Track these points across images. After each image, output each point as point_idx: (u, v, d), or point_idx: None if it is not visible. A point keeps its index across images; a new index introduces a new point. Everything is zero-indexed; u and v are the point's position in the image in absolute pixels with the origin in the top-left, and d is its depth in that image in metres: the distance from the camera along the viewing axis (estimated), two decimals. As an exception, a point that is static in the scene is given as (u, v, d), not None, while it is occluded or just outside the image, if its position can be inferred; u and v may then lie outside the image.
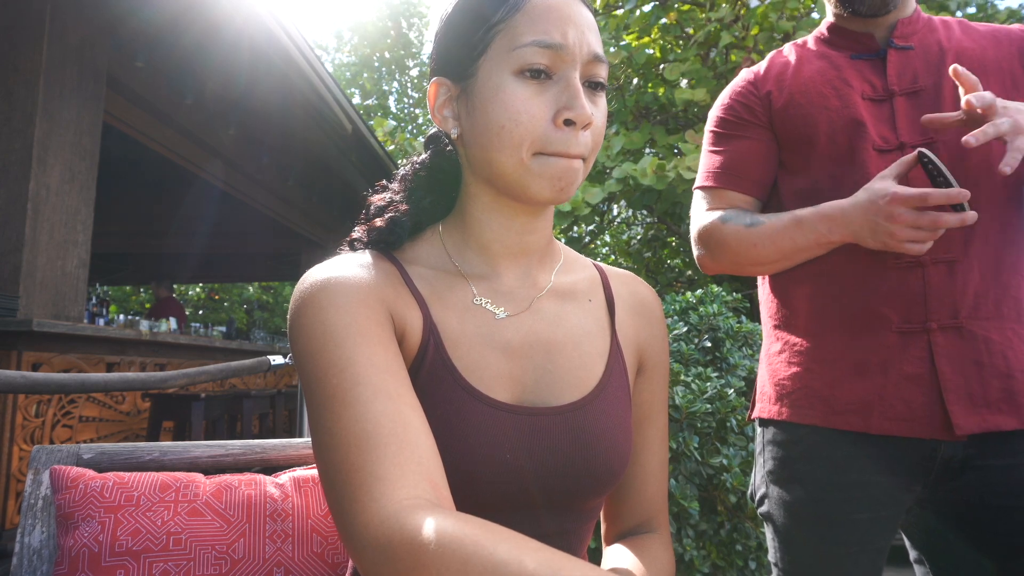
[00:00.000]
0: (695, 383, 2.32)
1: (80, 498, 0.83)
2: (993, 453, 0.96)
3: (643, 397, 0.79)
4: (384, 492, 0.49)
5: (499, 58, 0.64)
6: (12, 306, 2.97)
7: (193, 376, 2.27)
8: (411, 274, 0.69)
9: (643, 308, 0.80)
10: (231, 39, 3.86)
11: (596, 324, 0.75)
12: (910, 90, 1.05)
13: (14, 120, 3.18)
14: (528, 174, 0.64)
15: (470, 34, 0.66)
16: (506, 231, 0.71)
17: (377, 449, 0.51)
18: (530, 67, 0.62)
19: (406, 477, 0.50)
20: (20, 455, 2.96)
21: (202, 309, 16.63)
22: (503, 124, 0.63)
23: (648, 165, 4.18)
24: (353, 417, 0.53)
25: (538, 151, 0.63)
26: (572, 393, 0.69)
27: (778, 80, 1.15)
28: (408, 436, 0.53)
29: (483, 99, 0.64)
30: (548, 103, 0.63)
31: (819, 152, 1.07)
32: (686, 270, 6.22)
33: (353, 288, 0.62)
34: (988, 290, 0.98)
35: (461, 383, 0.64)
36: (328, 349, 0.58)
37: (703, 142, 1.24)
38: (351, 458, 0.51)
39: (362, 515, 0.49)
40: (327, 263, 0.66)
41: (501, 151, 0.64)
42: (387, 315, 0.63)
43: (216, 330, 6.69)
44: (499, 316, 0.69)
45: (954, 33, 1.10)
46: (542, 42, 0.62)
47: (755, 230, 1.08)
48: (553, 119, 0.63)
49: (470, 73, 0.66)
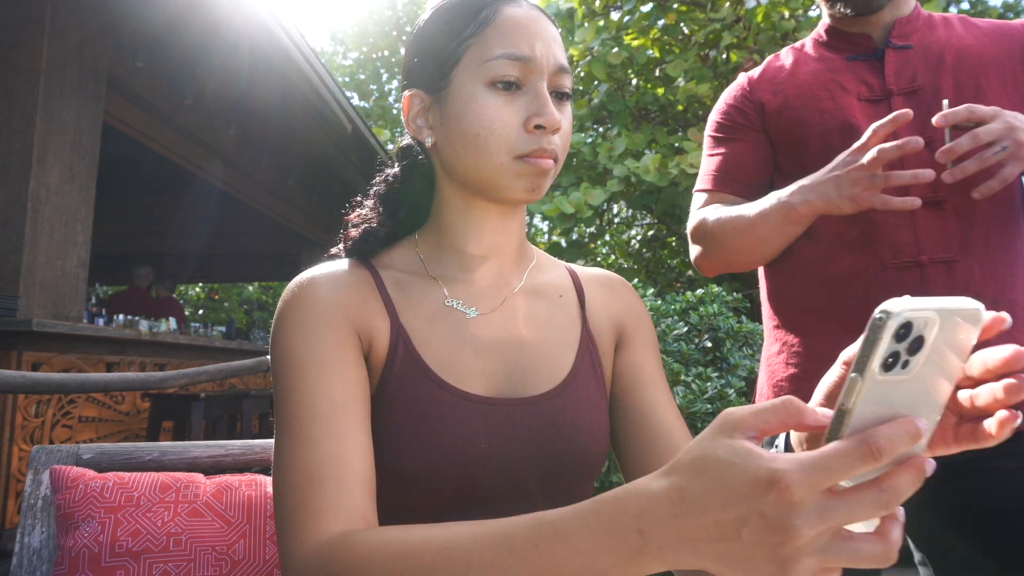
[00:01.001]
0: (695, 383, 2.32)
1: (80, 498, 0.83)
2: (1000, 455, 0.95)
3: (632, 360, 0.79)
4: (321, 528, 0.56)
5: (471, 70, 0.68)
6: (12, 306, 2.97)
7: (193, 376, 2.27)
8: (384, 279, 0.73)
9: (611, 286, 0.83)
10: (231, 39, 3.86)
11: (566, 318, 0.78)
12: (908, 89, 1.05)
13: (14, 120, 3.18)
14: (506, 175, 0.68)
15: (442, 47, 0.70)
16: (479, 233, 0.75)
17: (319, 491, 0.58)
18: (501, 79, 0.67)
19: (340, 515, 0.57)
20: (20, 455, 2.96)
21: (202, 309, 16.63)
22: (478, 132, 0.67)
23: (651, 161, 4.20)
24: (304, 454, 0.60)
25: (517, 155, 0.68)
26: (544, 384, 0.72)
27: (772, 84, 1.15)
28: (347, 478, 0.60)
29: (457, 109, 0.69)
30: (519, 111, 0.68)
31: (812, 154, 1.07)
32: (686, 270, 6.22)
33: (321, 310, 0.67)
34: (986, 290, 0.98)
35: (434, 379, 0.68)
36: (293, 376, 0.64)
37: (703, 146, 1.25)
38: (297, 494, 0.59)
39: (301, 549, 0.56)
40: (304, 278, 0.71)
41: (478, 157, 0.68)
42: (352, 334, 0.68)
43: (216, 330, 6.69)
44: (470, 315, 0.73)
45: (955, 30, 1.10)
46: (512, 55, 0.67)
47: (734, 218, 1.09)
48: (524, 125, 0.67)
49: (443, 85, 0.70)
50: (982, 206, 0.98)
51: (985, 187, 0.91)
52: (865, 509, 0.36)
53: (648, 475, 0.42)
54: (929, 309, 0.34)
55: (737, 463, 0.37)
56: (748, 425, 0.39)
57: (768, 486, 0.36)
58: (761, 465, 0.36)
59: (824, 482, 0.35)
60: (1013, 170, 0.90)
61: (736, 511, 0.37)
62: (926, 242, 0.98)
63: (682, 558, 0.40)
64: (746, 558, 0.38)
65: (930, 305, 0.34)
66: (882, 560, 0.38)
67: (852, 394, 0.36)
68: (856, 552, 0.37)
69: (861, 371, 0.35)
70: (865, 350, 0.35)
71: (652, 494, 0.40)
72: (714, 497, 0.38)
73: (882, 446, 0.35)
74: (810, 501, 0.35)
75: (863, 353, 0.35)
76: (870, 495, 0.36)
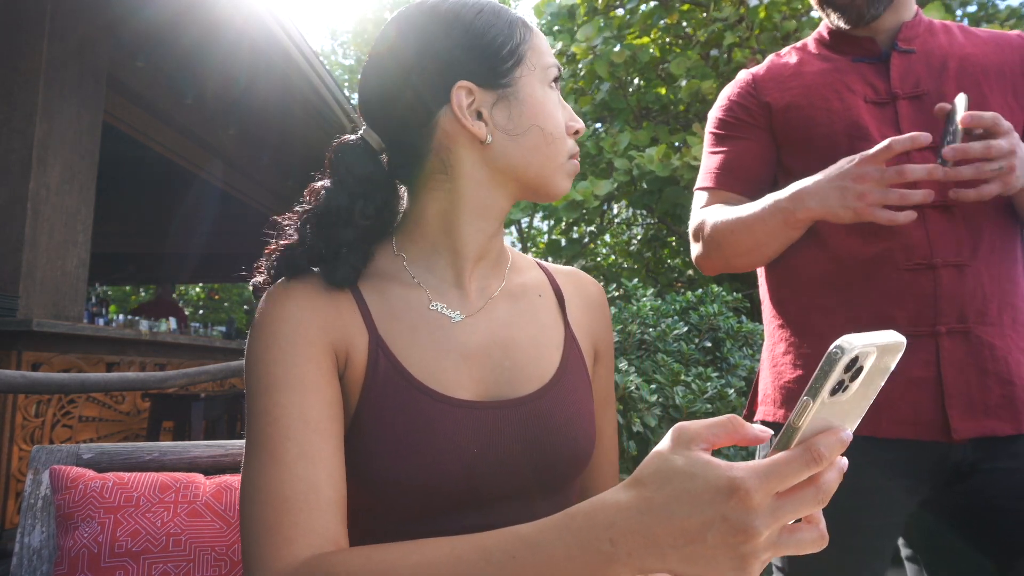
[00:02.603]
0: (695, 383, 2.32)
1: (80, 498, 0.83)
2: (1000, 456, 0.95)
3: (599, 384, 0.83)
4: (291, 553, 0.56)
5: (535, 72, 0.72)
6: (12, 306, 2.97)
7: (193, 376, 2.27)
8: (363, 288, 0.72)
9: (592, 302, 0.84)
10: (231, 39, 3.86)
11: (549, 318, 0.78)
12: (913, 94, 1.05)
13: (14, 120, 3.17)
14: (559, 173, 0.74)
15: (501, 44, 0.70)
16: (484, 235, 0.74)
17: (290, 514, 0.58)
18: (552, 83, 0.73)
19: (312, 539, 0.58)
20: (20, 455, 2.96)
21: (202, 309, 16.63)
22: (552, 133, 0.72)
23: (656, 151, 4.21)
24: (276, 476, 0.60)
25: (569, 155, 0.74)
26: (532, 383, 0.72)
27: (778, 82, 1.15)
28: (319, 502, 0.60)
29: (530, 109, 0.71)
30: (563, 116, 0.74)
31: (819, 154, 1.07)
32: (686, 270, 6.22)
33: (296, 324, 0.66)
34: (993, 296, 0.98)
35: (419, 387, 0.67)
36: (266, 395, 0.63)
37: (704, 143, 1.24)
38: (267, 516, 0.59)
39: (268, 573, 0.56)
40: (280, 289, 0.69)
41: (548, 157, 0.72)
42: (328, 350, 0.67)
43: (216, 330, 6.69)
44: (455, 319, 0.72)
45: (956, 38, 1.10)
46: (556, 63, 0.74)
47: (732, 220, 1.08)
48: (566, 129, 0.74)
49: (507, 83, 0.70)
50: (989, 212, 0.99)
51: (963, 193, 0.92)
52: (807, 505, 0.43)
53: (613, 488, 0.46)
54: (872, 345, 0.41)
55: (697, 473, 0.42)
56: (702, 438, 0.44)
57: (729, 493, 0.41)
58: (721, 474, 0.42)
59: (777, 487, 0.41)
60: (994, 189, 0.91)
61: (701, 517, 0.42)
62: (939, 245, 0.98)
63: (650, 563, 0.44)
64: (710, 559, 0.42)
65: (874, 341, 0.41)
66: (820, 543, 0.45)
67: (803, 415, 0.42)
68: (800, 541, 0.45)
69: (814, 396, 0.41)
70: (819, 379, 0.41)
71: (621, 505, 0.44)
72: (679, 505, 0.42)
73: (823, 454, 0.42)
74: (765, 504, 0.41)
75: (816, 381, 0.41)
76: (809, 492, 0.43)
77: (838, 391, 0.42)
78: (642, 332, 2.64)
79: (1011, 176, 0.90)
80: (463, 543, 0.50)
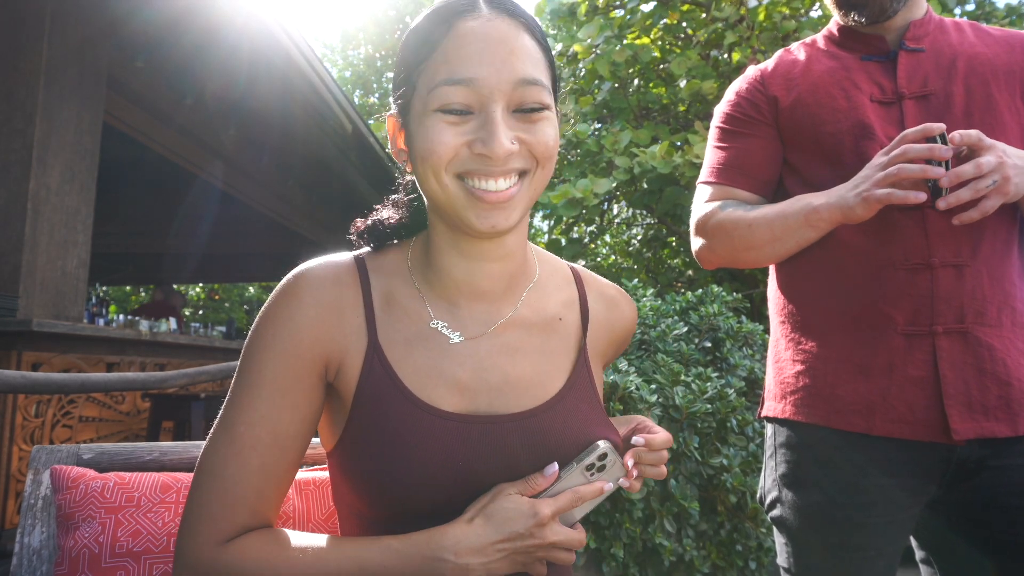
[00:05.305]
0: (695, 383, 2.31)
1: (80, 498, 0.83)
2: (1008, 453, 0.96)
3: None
4: (212, 534, 0.65)
5: (423, 98, 0.65)
6: (12, 306, 2.97)
7: (193, 376, 2.27)
8: (373, 291, 0.72)
9: (617, 328, 0.84)
10: (231, 40, 3.86)
11: (562, 344, 0.77)
12: (920, 94, 1.05)
13: (14, 120, 3.17)
14: (456, 200, 0.65)
15: (403, 73, 0.69)
16: (464, 260, 0.73)
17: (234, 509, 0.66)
18: (445, 106, 0.64)
19: (243, 535, 0.66)
20: (20, 455, 2.96)
21: (202, 309, 16.62)
22: (425, 157, 0.65)
23: (659, 148, 4.21)
24: (232, 475, 0.67)
25: (457, 172, 0.65)
26: (525, 404, 0.72)
27: (786, 79, 1.14)
28: (261, 509, 0.68)
29: (412, 134, 0.67)
30: (466, 133, 0.64)
31: (825, 153, 1.07)
32: (686, 270, 6.22)
33: (295, 330, 0.69)
34: (993, 297, 0.98)
35: (410, 398, 0.68)
36: (252, 390, 0.68)
37: (708, 137, 1.24)
38: (214, 504, 0.66)
39: (195, 549, 0.65)
40: (293, 283, 0.71)
41: (427, 180, 0.66)
42: (317, 362, 0.69)
43: (216, 330, 6.68)
44: (453, 340, 0.72)
45: (966, 36, 1.09)
46: (451, 79, 0.63)
47: (751, 212, 1.09)
48: (470, 147, 0.64)
49: (407, 110, 0.69)
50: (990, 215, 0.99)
51: (966, 216, 0.93)
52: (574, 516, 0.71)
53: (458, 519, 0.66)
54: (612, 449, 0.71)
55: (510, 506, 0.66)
56: (515, 488, 0.67)
57: (532, 515, 0.66)
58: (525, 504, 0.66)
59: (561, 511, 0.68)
60: (995, 203, 0.92)
61: (514, 531, 0.65)
62: (937, 245, 0.98)
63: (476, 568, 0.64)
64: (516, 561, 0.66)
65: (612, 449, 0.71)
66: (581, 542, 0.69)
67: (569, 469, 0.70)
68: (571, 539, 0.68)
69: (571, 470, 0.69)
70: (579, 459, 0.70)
71: (464, 529, 0.65)
72: (502, 525, 0.65)
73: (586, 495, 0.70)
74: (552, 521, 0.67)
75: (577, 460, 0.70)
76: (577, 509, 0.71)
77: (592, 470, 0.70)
78: (642, 332, 2.64)
79: (1008, 186, 0.91)
80: (349, 548, 0.66)
